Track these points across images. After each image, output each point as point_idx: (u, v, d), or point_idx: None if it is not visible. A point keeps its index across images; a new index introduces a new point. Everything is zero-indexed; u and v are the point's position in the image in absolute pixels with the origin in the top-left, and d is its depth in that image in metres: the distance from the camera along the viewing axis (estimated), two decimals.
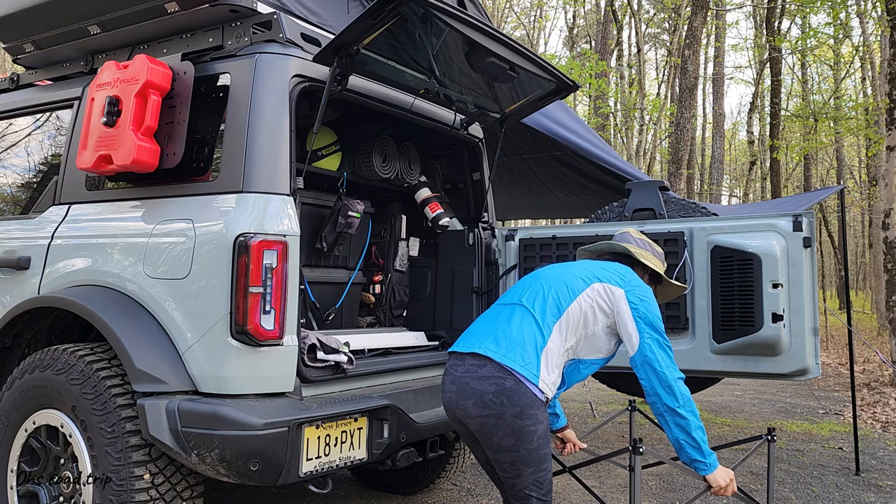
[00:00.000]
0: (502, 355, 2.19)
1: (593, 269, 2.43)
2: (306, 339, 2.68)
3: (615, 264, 2.52)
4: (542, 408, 2.20)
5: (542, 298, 2.32)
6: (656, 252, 2.67)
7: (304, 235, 3.01)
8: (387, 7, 2.47)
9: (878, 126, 13.94)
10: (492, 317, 2.38)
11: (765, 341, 3.29)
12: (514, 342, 2.22)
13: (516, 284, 2.51)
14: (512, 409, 2.13)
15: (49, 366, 2.62)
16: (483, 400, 2.16)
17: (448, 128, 3.59)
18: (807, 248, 3.31)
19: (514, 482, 2.22)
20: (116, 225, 2.80)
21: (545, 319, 2.27)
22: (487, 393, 2.15)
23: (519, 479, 2.20)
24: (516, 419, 2.14)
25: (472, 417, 2.19)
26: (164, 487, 2.46)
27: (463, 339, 2.36)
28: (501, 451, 2.18)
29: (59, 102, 3.24)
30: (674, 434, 2.27)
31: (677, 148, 8.48)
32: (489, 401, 2.15)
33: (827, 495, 4.26)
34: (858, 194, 20.91)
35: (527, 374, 2.16)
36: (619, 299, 2.32)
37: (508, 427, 2.14)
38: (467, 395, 2.20)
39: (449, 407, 2.30)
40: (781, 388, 8.76)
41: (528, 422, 2.15)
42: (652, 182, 4.09)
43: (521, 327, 2.26)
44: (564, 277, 2.38)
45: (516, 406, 2.14)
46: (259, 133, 2.56)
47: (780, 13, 16.03)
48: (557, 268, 2.48)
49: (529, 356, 2.19)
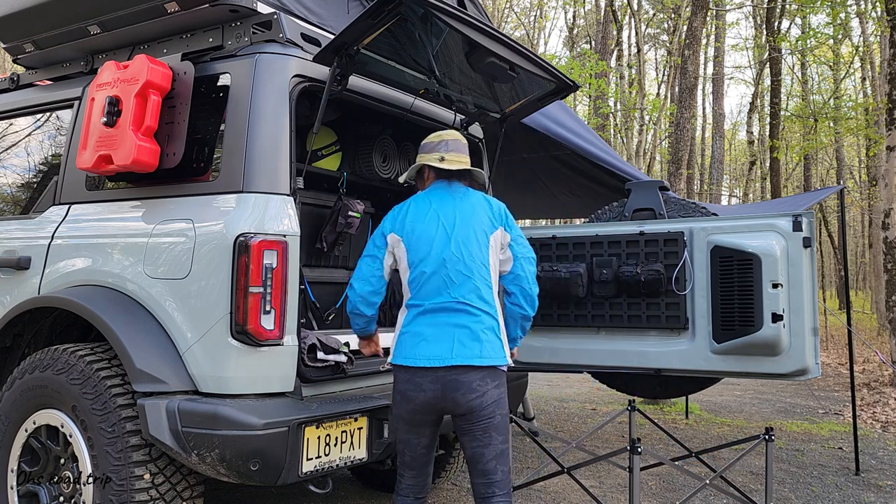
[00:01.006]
0: (482, 358, 2.40)
1: (477, 222, 2.55)
2: (306, 339, 2.68)
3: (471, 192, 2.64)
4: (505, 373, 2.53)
5: (471, 284, 2.47)
6: (462, 146, 2.69)
7: (305, 235, 3.01)
8: (387, 7, 2.47)
9: (877, 126, 13.94)
10: (436, 323, 2.44)
11: (765, 341, 3.29)
12: (481, 339, 2.43)
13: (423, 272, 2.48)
14: (493, 383, 2.43)
15: (49, 366, 2.62)
16: (472, 387, 2.39)
17: (448, 128, 3.59)
18: (807, 248, 3.31)
19: (483, 452, 2.42)
20: (116, 225, 2.80)
21: (487, 302, 2.49)
22: (475, 380, 2.39)
23: (488, 448, 2.42)
24: (495, 389, 2.44)
25: (461, 404, 2.39)
26: (165, 487, 2.46)
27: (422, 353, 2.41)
28: (479, 420, 2.41)
29: (60, 102, 3.24)
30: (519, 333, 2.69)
31: (677, 148, 8.48)
32: (476, 385, 2.39)
33: (827, 495, 4.26)
34: (858, 194, 20.90)
35: (500, 362, 2.46)
36: (506, 238, 2.61)
37: (491, 398, 2.42)
38: (454, 388, 2.38)
39: (428, 402, 2.41)
40: (781, 387, 8.76)
41: (502, 388, 2.48)
42: (652, 182, 4.09)
43: (477, 322, 2.45)
44: (469, 247, 2.50)
45: (496, 380, 2.45)
46: (259, 133, 2.56)
47: (779, 13, 16.03)
48: (444, 232, 2.51)
49: (497, 347, 2.46)
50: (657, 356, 3.61)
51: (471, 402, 2.38)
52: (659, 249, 3.64)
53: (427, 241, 2.50)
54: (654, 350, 3.63)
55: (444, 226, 2.52)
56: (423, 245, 2.50)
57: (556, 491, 4.18)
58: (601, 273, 3.75)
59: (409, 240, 2.53)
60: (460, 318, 2.42)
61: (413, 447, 2.52)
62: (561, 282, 3.67)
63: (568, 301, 3.76)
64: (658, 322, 3.62)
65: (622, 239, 3.74)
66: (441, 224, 2.52)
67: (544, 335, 3.77)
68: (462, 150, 2.66)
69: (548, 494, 4.12)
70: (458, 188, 2.64)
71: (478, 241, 2.51)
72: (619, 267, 3.70)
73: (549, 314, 3.75)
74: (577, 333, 3.81)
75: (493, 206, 2.61)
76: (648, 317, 3.64)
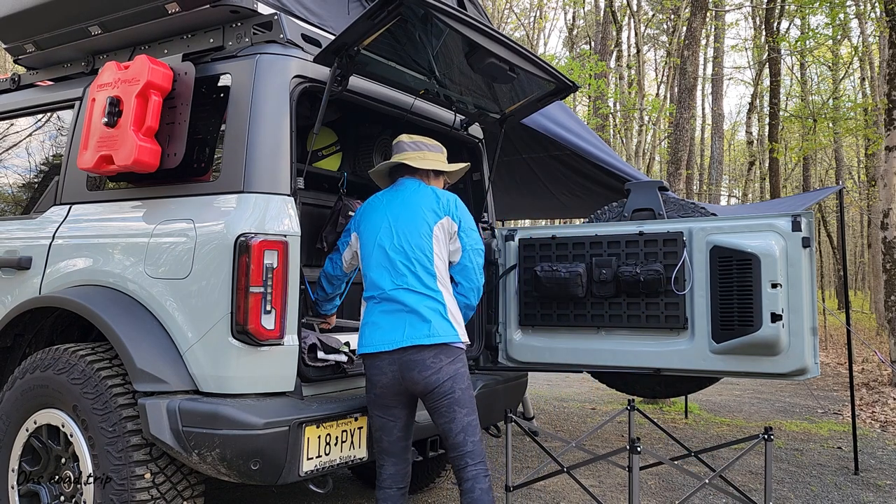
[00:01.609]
0: (431, 336, 2.53)
1: (421, 214, 2.67)
2: (307, 338, 2.69)
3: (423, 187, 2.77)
4: (464, 353, 2.65)
5: (412, 273, 2.61)
6: (430, 146, 2.89)
7: (305, 235, 3.01)
8: (387, 8, 2.48)
9: (876, 126, 13.95)
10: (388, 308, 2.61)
11: (764, 341, 3.30)
12: (428, 320, 2.56)
13: (369, 263, 2.70)
14: (447, 360, 2.55)
15: (50, 365, 2.63)
16: (426, 364, 2.52)
17: (448, 128, 3.60)
18: (806, 248, 3.32)
19: (450, 427, 2.55)
20: (117, 225, 2.81)
21: (431, 289, 2.61)
22: (428, 358, 2.53)
23: (454, 422, 2.54)
24: (451, 365, 2.56)
25: (418, 382, 2.53)
26: (165, 487, 2.46)
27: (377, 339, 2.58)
28: (440, 397, 2.54)
29: (61, 103, 3.24)
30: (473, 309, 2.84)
31: (676, 148, 8.49)
32: (430, 363, 2.53)
33: (826, 495, 4.26)
34: (857, 194, 20.91)
35: (451, 339, 2.57)
36: (454, 227, 2.73)
37: (447, 374, 2.54)
38: (411, 367, 2.53)
39: (392, 384, 2.56)
40: (780, 387, 8.77)
41: (459, 365, 2.59)
42: (651, 182, 4.09)
43: (424, 306, 2.58)
44: (409, 238, 2.64)
45: (450, 356, 2.57)
46: (260, 133, 2.57)
47: (779, 14, 16.03)
48: (387, 226, 2.69)
49: (445, 326, 2.58)
50: (656, 356, 3.61)
51: (427, 379, 2.52)
52: (658, 249, 3.64)
53: (373, 234, 2.70)
54: (653, 350, 3.63)
55: (389, 219, 2.70)
56: (370, 239, 2.71)
57: (555, 490, 4.19)
58: (600, 273, 3.76)
59: (362, 236, 2.77)
60: (408, 304, 2.57)
61: (388, 430, 2.62)
62: (560, 282, 3.68)
63: (567, 301, 3.77)
64: (657, 322, 3.62)
65: (621, 239, 3.74)
66: (386, 218, 2.71)
67: (543, 335, 3.78)
68: (436, 150, 2.90)
69: (547, 494, 4.13)
70: (410, 183, 2.80)
71: (419, 231, 2.65)
72: (619, 267, 3.71)
73: (549, 314, 3.76)
74: (576, 333, 3.81)
75: (441, 198, 2.74)
76: (648, 317, 3.65)
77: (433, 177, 2.91)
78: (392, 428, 2.63)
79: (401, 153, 2.87)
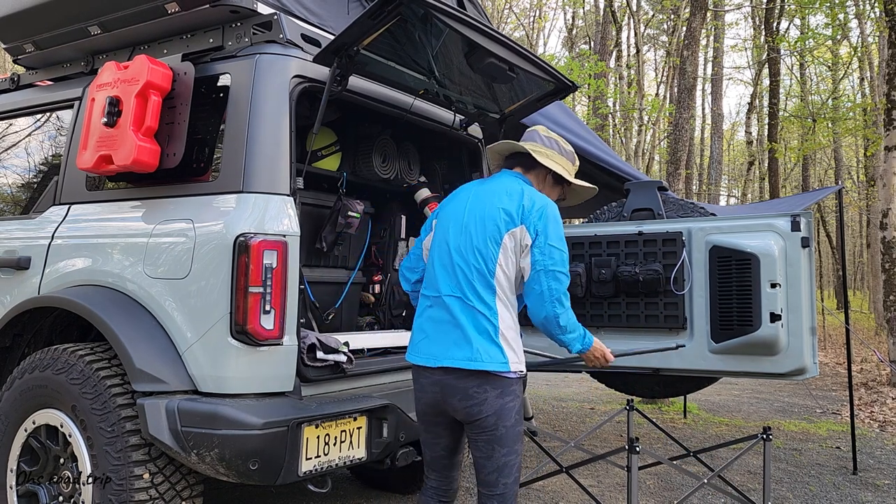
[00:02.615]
0: (473, 362, 2.24)
1: (496, 215, 2.32)
2: (306, 338, 2.69)
3: (513, 182, 2.42)
4: (518, 383, 2.31)
5: (468, 281, 2.29)
6: (564, 151, 2.55)
7: (304, 235, 3.01)
8: (387, 8, 2.48)
9: (876, 126, 13.96)
10: (436, 316, 2.35)
11: (763, 341, 3.30)
12: (476, 343, 2.25)
13: (434, 258, 2.41)
14: (494, 392, 2.25)
15: (49, 365, 2.63)
16: (468, 393, 2.25)
17: (447, 128, 3.60)
18: (805, 248, 3.33)
19: (484, 463, 2.29)
20: (117, 225, 2.80)
21: (485, 304, 2.27)
22: (472, 387, 2.24)
23: (490, 460, 2.27)
24: (498, 399, 2.25)
25: (458, 410, 2.28)
26: (164, 487, 2.46)
27: (424, 349, 2.34)
28: (481, 431, 2.27)
29: (60, 103, 3.24)
30: (564, 344, 2.39)
31: (676, 148, 8.50)
32: (473, 392, 2.24)
33: (825, 494, 4.27)
34: (856, 194, 20.93)
35: (498, 368, 2.24)
36: (527, 240, 2.30)
37: (492, 408, 2.24)
38: (452, 393, 2.28)
39: (434, 404, 2.34)
40: (779, 387, 8.78)
41: (508, 398, 2.27)
42: (651, 182, 4.10)
43: (472, 324, 2.26)
44: (475, 241, 2.32)
45: (497, 388, 2.25)
46: (259, 133, 2.57)
47: (778, 14, 16.04)
48: (461, 224, 2.37)
49: (494, 352, 2.25)
50: (656, 356, 3.61)
51: (468, 409, 2.25)
52: (657, 249, 3.65)
53: (445, 226, 2.41)
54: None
55: (465, 213, 2.38)
56: (442, 230, 2.42)
57: (554, 490, 4.19)
58: (600, 273, 3.76)
59: (438, 223, 2.47)
60: (456, 318, 2.28)
61: (431, 447, 2.46)
62: None
63: None
64: (656, 322, 3.63)
65: (621, 239, 3.75)
66: (464, 211, 2.39)
67: (542, 335, 3.78)
68: (568, 157, 2.56)
69: (546, 494, 4.13)
70: (508, 178, 2.46)
71: (487, 235, 2.30)
72: (618, 267, 3.71)
73: None
74: None
75: (526, 202, 2.32)
76: (647, 316, 3.65)
77: (549, 183, 2.53)
78: (434, 445, 2.45)
79: (530, 141, 2.52)
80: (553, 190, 2.55)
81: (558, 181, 2.56)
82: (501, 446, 2.27)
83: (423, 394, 2.37)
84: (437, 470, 2.47)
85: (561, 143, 2.56)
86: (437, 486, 2.47)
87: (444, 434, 2.42)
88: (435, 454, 2.46)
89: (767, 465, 3.10)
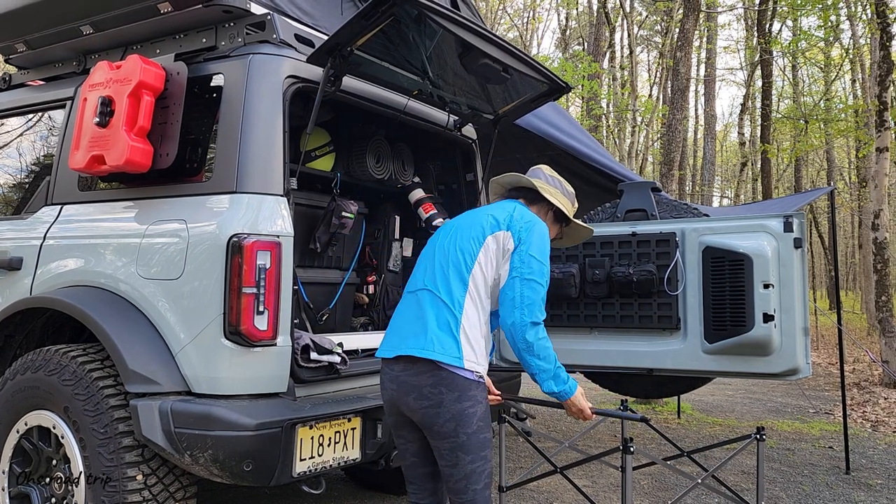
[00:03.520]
0: (425, 350, 2.15)
1: (483, 219, 2.33)
2: (300, 339, 2.68)
3: (508, 202, 2.43)
4: (479, 388, 2.19)
5: (443, 275, 2.25)
6: (566, 191, 2.56)
7: (298, 236, 3.01)
8: (380, 8, 2.47)
9: (867, 128, 14.03)
10: (405, 310, 2.31)
11: (756, 341, 3.32)
12: (432, 332, 2.17)
13: (419, 261, 2.39)
14: (450, 395, 2.14)
15: (41, 367, 2.61)
16: (422, 393, 2.15)
17: (441, 129, 3.60)
18: (797, 249, 3.34)
19: (451, 472, 2.18)
20: (109, 225, 2.79)
21: (453, 298, 2.21)
22: (426, 386, 2.15)
23: (456, 468, 2.16)
24: (456, 403, 2.14)
25: (415, 410, 2.18)
26: (157, 488, 2.45)
27: (387, 342, 2.30)
28: (442, 438, 2.16)
29: (52, 102, 3.23)
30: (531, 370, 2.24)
31: (669, 149, 8.52)
32: (428, 392, 2.14)
33: (817, 494, 4.29)
34: (848, 195, 21.04)
35: (452, 362, 2.14)
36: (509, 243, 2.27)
37: (449, 413, 2.13)
38: (407, 391, 2.18)
39: (392, 402, 2.25)
40: (772, 387, 8.81)
41: (468, 404, 2.15)
42: (644, 183, 4.11)
43: (434, 315, 2.20)
44: (458, 241, 2.30)
45: (454, 391, 2.14)
46: (252, 134, 2.56)
47: (771, 16, 16.11)
48: (452, 229, 2.38)
49: (448, 343, 2.15)
50: (649, 356, 3.63)
51: (424, 410, 2.15)
52: (651, 250, 3.66)
53: (437, 235, 2.42)
54: (646, 350, 3.64)
55: (457, 221, 2.40)
56: (433, 239, 2.43)
57: (549, 491, 4.19)
58: (593, 273, 3.77)
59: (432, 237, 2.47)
60: (424, 308, 2.22)
61: (402, 454, 2.34)
62: (553, 282, 3.68)
63: (560, 301, 3.78)
64: (650, 322, 3.64)
65: (614, 239, 3.75)
66: (458, 220, 2.41)
67: None
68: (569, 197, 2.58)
69: (541, 494, 4.13)
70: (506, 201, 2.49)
71: (471, 235, 2.29)
72: (612, 267, 3.72)
73: None
74: (569, 334, 3.82)
75: (514, 214, 2.34)
76: (640, 317, 3.66)
77: (550, 219, 2.53)
78: (404, 451, 2.32)
79: (535, 178, 2.53)
80: (553, 227, 2.55)
81: (559, 219, 2.57)
82: (466, 453, 2.15)
83: (384, 391, 2.28)
84: (414, 481, 2.34)
85: (564, 183, 2.58)
86: (415, 502, 2.35)
87: (412, 438, 2.29)
88: (406, 461, 2.33)
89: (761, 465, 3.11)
